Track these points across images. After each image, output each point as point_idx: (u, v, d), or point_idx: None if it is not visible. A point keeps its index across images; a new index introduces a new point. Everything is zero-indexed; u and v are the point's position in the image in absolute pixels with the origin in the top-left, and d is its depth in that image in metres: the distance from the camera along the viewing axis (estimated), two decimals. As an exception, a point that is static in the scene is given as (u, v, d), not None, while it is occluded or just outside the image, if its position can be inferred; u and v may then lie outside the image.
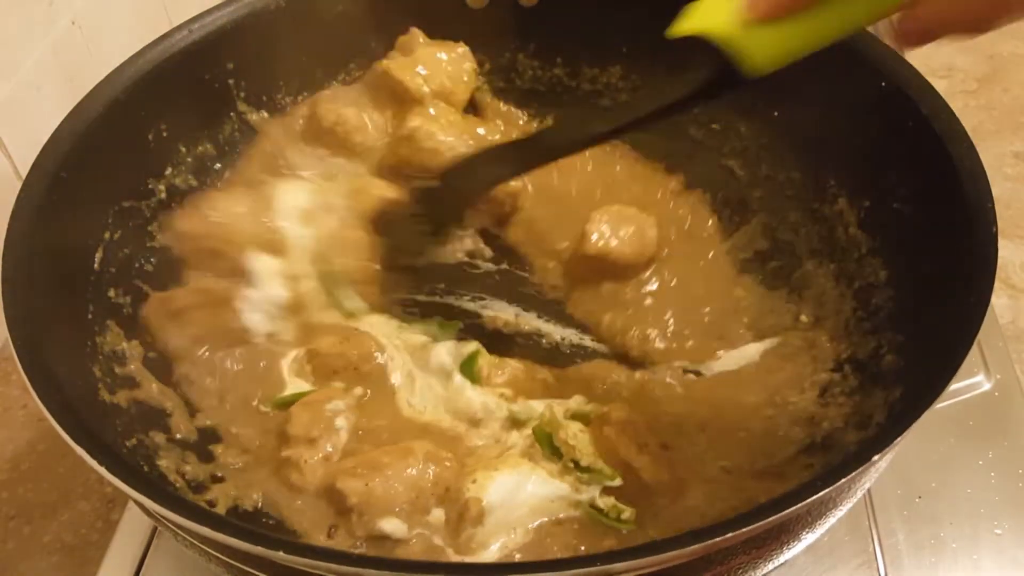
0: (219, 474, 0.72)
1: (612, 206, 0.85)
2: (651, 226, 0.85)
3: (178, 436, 0.73)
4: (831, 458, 0.67)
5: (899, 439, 0.53)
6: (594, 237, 0.83)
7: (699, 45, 0.58)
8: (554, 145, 0.75)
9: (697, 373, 0.80)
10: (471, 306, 0.87)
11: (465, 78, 0.93)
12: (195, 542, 0.57)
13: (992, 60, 1.46)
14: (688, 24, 0.59)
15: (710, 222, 0.90)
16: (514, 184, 0.88)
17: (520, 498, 0.67)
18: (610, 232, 0.83)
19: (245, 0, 0.86)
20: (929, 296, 0.68)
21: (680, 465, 0.70)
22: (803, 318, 0.82)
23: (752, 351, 0.81)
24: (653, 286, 0.85)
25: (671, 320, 0.83)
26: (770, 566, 0.60)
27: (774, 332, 0.81)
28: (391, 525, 0.67)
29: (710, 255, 0.88)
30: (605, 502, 0.68)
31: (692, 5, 0.59)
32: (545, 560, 0.63)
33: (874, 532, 0.77)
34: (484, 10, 0.92)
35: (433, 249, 0.87)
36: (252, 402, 0.77)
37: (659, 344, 0.82)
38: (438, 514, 0.68)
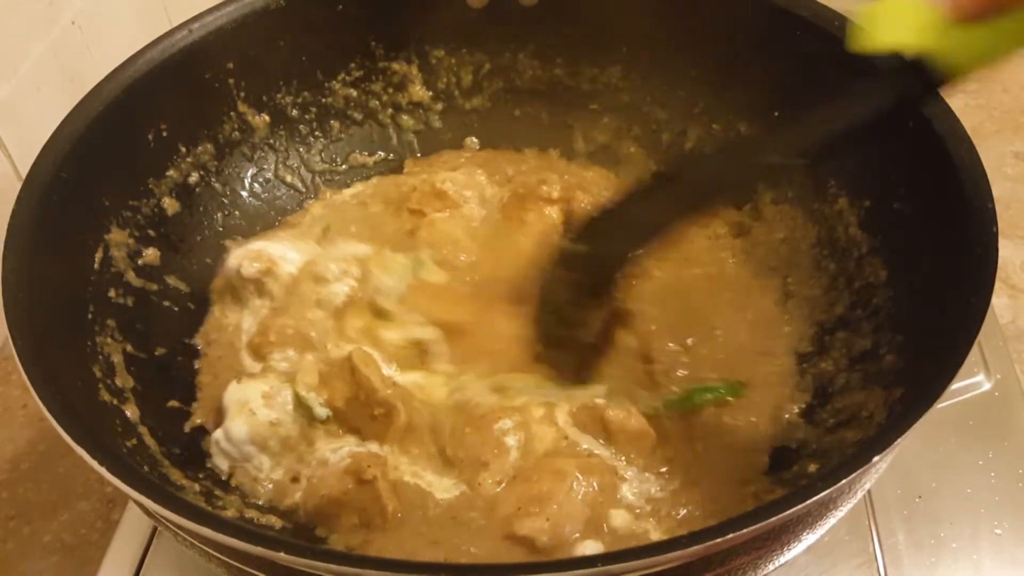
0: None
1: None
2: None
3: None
4: (831, 459, 0.67)
5: (900, 440, 0.53)
6: None
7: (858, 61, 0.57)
8: (711, 180, 0.66)
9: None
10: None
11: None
12: (195, 542, 0.57)
13: (992, 60, 1.45)
14: (880, 38, 0.58)
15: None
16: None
17: None
18: None
19: (245, 0, 0.86)
20: (929, 296, 0.68)
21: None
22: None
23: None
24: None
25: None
26: (770, 567, 0.60)
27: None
28: (588, 547, 0.66)
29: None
30: None
31: (867, 16, 0.58)
32: (545, 561, 0.63)
33: (874, 532, 0.77)
34: (484, 10, 0.92)
35: (594, 317, 0.77)
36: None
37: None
38: (616, 515, 0.68)
